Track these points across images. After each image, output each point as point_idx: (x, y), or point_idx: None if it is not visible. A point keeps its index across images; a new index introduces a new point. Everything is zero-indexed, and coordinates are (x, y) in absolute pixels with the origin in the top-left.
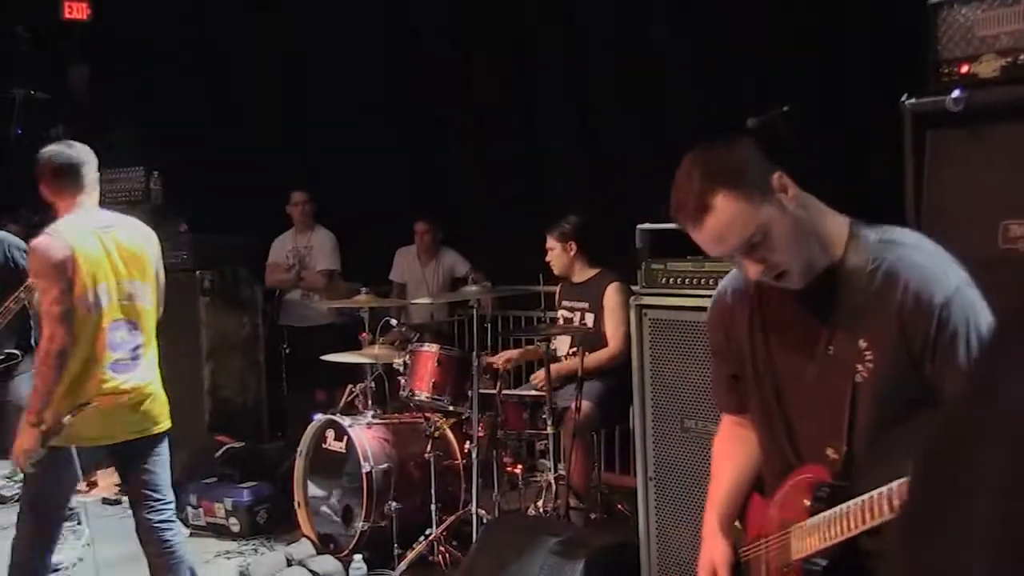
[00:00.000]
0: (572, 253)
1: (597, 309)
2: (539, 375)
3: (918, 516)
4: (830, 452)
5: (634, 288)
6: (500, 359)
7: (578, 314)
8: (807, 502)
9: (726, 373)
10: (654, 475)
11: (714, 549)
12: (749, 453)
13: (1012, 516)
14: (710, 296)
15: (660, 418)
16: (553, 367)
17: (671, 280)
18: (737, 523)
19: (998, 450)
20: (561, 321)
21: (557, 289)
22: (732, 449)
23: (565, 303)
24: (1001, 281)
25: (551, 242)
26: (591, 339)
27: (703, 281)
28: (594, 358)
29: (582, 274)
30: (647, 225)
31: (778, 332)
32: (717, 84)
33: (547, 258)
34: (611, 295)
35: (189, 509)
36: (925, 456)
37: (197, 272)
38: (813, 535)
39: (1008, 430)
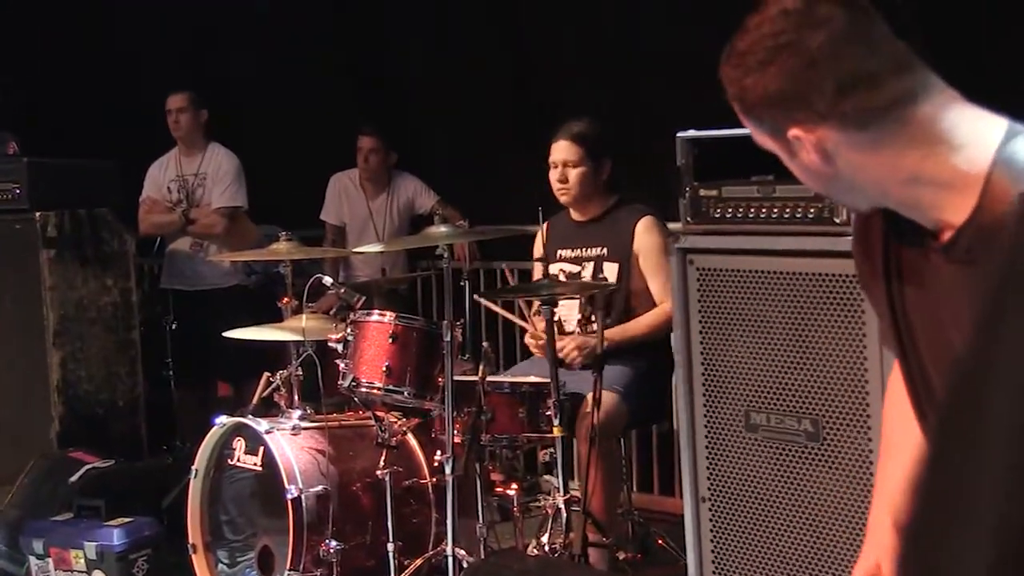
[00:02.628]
0: (604, 177)
1: (624, 256)
2: (570, 344)
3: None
4: None
5: (673, 226)
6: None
7: (589, 265)
8: None
9: (876, 308)
10: (709, 495)
11: (880, 546)
12: None
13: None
14: (783, 235)
15: (716, 413)
16: (588, 341)
17: (728, 212)
18: None
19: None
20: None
21: (541, 233)
22: (906, 416)
23: (564, 252)
24: None
25: (572, 153)
26: (615, 301)
27: (775, 213)
28: (645, 322)
29: (597, 206)
30: (692, 133)
31: (914, 282)
32: None
33: (557, 178)
34: (646, 236)
35: (32, 560)
36: (942, 412)
37: (37, 214)
38: None
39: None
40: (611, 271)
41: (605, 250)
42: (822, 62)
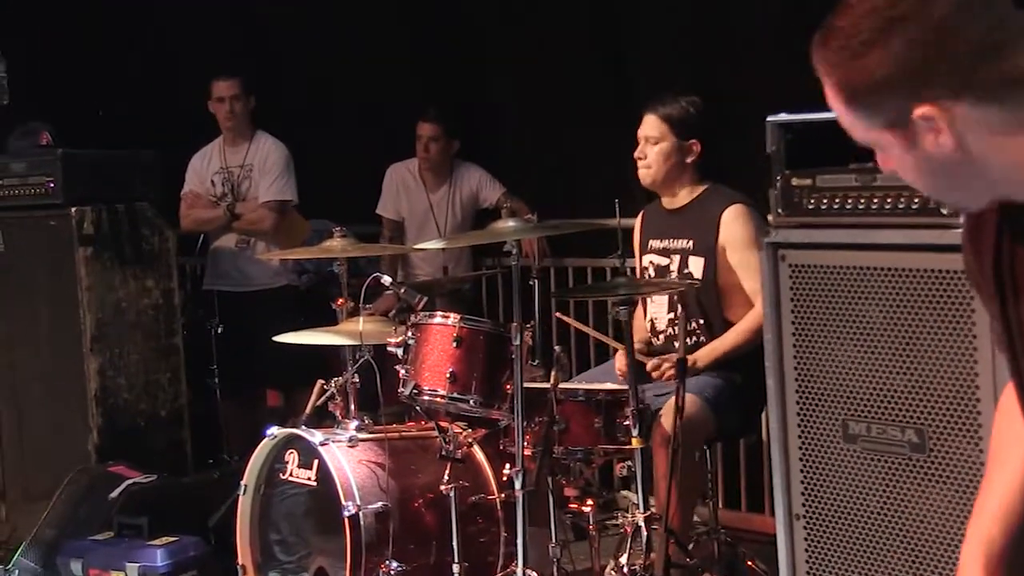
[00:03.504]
0: (693, 158)
1: (709, 250)
2: (666, 365)
3: None
4: None
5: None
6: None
7: (675, 259)
8: None
9: (988, 309)
10: (803, 512)
11: None
12: None
13: None
14: (884, 228)
15: (811, 422)
16: (699, 355)
17: (824, 203)
18: None
19: None
20: (652, 273)
21: (637, 224)
22: (1016, 436)
23: (655, 243)
24: None
25: (655, 129)
26: (706, 300)
27: (876, 203)
28: (734, 335)
29: (685, 194)
30: (783, 117)
31: None
32: None
33: (637, 154)
34: (732, 226)
35: None
36: None
37: (72, 210)
38: None
39: None
40: (697, 266)
41: (691, 243)
42: (951, 31)
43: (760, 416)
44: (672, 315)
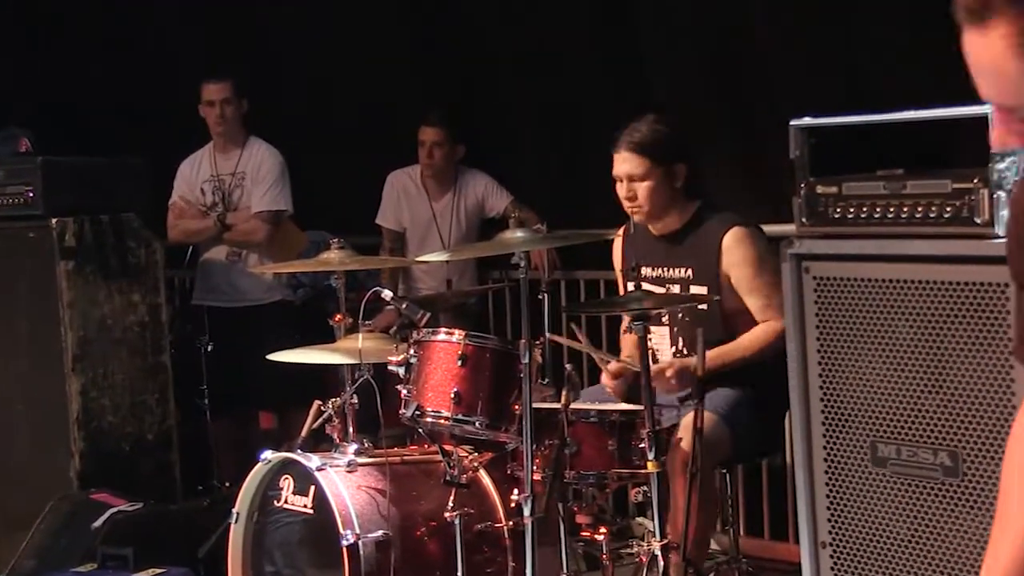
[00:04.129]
0: (681, 182)
1: (711, 278)
2: (670, 372)
3: None
4: None
5: (787, 229)
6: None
7: (675, 288)
8: None
9: None
10: (830, 540)
11: None
12: None
13: None
14: (914, 238)
15: (837, 444)
16: (687, 363)
17: (850, 212)
18: None
19: None
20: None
21: (618, 246)
22: None
23: (646, 270)
24: None
25: (637, 165)
26: (710, 327)
27: (905, 212)
28: (746, 342)
29: (675, 218)
30: (808, 121)
31: None
32: None
33: (624, 194)
34: (735, 250)
35: None
36: None
37: (53, 221)
38: None
39: None
40: (701, 294)
41: (690, 272)
42: None
43: (779, 432)
44: (674, 349)
